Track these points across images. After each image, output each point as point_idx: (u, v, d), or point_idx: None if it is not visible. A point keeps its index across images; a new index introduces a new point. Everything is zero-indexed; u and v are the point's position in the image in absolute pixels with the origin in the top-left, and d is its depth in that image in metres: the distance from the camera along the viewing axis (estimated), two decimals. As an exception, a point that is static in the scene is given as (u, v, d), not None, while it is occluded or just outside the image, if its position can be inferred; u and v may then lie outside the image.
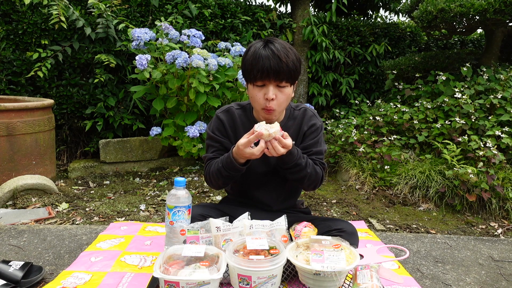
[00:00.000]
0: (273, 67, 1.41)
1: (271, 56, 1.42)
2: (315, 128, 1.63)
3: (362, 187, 3.11)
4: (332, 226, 1.58)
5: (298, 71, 1.49)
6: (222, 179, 1.54)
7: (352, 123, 3.77)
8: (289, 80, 1.46)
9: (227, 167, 1.50)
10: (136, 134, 3.74)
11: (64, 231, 2.05)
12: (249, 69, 1.47)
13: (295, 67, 1.46)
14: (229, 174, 1.51)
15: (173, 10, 3.81)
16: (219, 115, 1.64)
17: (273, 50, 1.43)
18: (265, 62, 1.42)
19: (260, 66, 1.42)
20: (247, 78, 1.52)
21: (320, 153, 1.62)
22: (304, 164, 1.50)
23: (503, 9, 3.16)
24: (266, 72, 1.42)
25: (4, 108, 2.56)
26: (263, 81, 1.45)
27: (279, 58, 1.42)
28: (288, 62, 1.43)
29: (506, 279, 1.72)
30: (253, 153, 1.41)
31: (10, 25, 3.36)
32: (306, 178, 1.52)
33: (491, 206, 2.60)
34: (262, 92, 1.47)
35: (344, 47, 4.62)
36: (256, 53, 1.45)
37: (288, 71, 1.43)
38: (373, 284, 1.31)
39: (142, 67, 2.81)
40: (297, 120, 1.64)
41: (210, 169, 1.58)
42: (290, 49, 1.47)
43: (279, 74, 1.42)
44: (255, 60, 1.44)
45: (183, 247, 1.32)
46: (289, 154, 1.45)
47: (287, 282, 1.44)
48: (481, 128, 3.11)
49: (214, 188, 1.65)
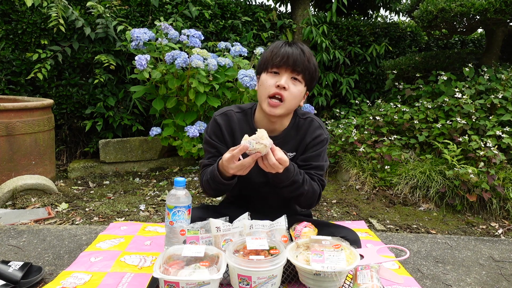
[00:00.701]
0: (294, 55, 1.41)
1: (294, 47, 1.43)
2: (319, 140, 1.53)
3: (362, 187, 3.10)
4: (335, 233, 1.53)
5: (316, 74, 1.48)
6: (213, 191, 1.49)
7: (352, 123, 3.77)
8: (305, 75, 1.44)
9: (212, 180, 1.43)
10: (135, 134, 3.74)
11: (64, 231, 2.05)
12: (268, 57, 1.45)
13: (314, 67, 1.46)
14: (217, 187, 1.44)
15: (173, 10, 3.80)
16: (216, 118, 1.55)
17: (297, 45, 1.45)
18: (287, 49, 1.42)
19: (281, 52, 1.42)
20: (262, 68, 1.48)
21: (320, 168, 1.53)
22: (301, 181, 1.42)
23: (503, 8, 3.15)
24: (286, 58, 1.40)
25: (4, 108, 2.56)
26: (279, 67, 1.42)
27: (302, 51, 1.43)
28: (309, 59, 1.44)
29: (507, 279, 1.71)
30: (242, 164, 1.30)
31: (9, 24, 3.36)
32: (303, 196, 1.45)
33: (492, 206, 2.59)
34: (275, 79, 1.43)
35: (344, 47, 4.62)
36: (278, 44, 1.46)
37: (308, 66, 1.43)
38: (373, 284, 1.31)
39: (141, 67, 2.81)
40: (302, 130, 1.55)
41: (203, 178, 1.52)
42: (313, 56, 1.49)
43: (297, 64, 1.41)
44: (277, 49, 1.44)
45: (183, 247, 1.31)
46: (285, 171, 1.35)
47: (287, 283, 1.43)
48: (482, 128, 3.11)
49: (210, 197, 1.61)
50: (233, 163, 1.32)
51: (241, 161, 1.31)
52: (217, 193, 1.52)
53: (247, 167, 1.33)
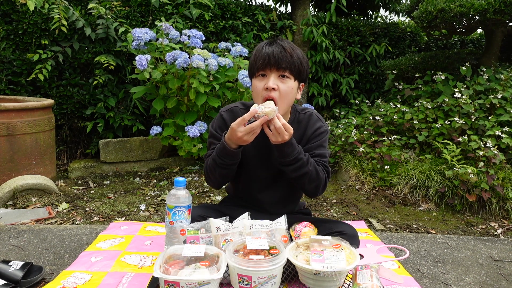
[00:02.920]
0: (275, 54, 1.41)
1: (274, 45, 1.44)
2: (319, 132, 1.59)
3: (362, 187, 3.11)
4: (333, 228, 1.56)
5: (304, 67, 1.48)
6: (218, 169, 1.51)
7: (352, 123, 3.77)
8: (292, 71, 1.44)
9: (220, 154, 1.47)
10: (136, 134, 3.74)
11: (64, 231, 2.05)
12: (252, 62, 1.47)
13: (300, 61, 1.45)
14: (223, 161, 1.48)
15: (173, 11, 3.81)
16: (222, 113, 1.62)
17: (278, 42, 1.45)
18: (267, 49, 1.43)
19: (262, 54, 1.43)
20: (251, 74, 1.51)
21: (323, 155, 1.58)
22: (305, 160, 1.46)
23: (503, 9, 3.16)
24: (268, 58, 1.41)
25: (4, 108, 2.56)
26: (264, 69, 1.44)
27: (283, 48, 1.42)
28: (292, 54, 1.43)
29: (506, 279, 1.72)
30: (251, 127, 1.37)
31: (10, 25, 3.36)
32: (307, 176, 1.48)
33: (491, 206, 2.60)
34: (263, 82, 1.45)
35: (344, 47, 4.62)
36: (260, 46, 1.47)
37: (292, 62, 1.43)
38: (373, 284, 1.31)
39: (142, 67, 2.81)
40: (302, 124, 1.60)
41: (207, 163, 1.57)
42: (296, 47, 1.48)
43: (280, 62, 1.41)
44: (258, 51, 1.45)
45: (183, 247, 1.32)
46: (290, 145, 1.42)
47: (287, 282, 1.44)
48: (481, 128, 3.11)
49: (213, 186, 1.63)
50: (242, 126, 1.38)
51: (249, 124, 1.38)
52: (221, 172, 1.52)
53: (254, 131, 1.39)
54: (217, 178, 1.56)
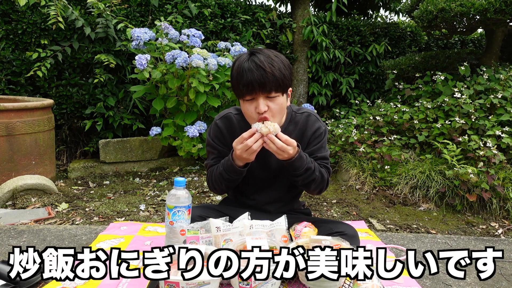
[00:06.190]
0: (257, 79, 1.36)
1: (254, 68, 1.37)
2: (319, 133, 1.59)
3: (362, 187, 3.10)
4: (334, 229, 1.56)
5: (287, 78, 1.43)
6: (225, 182, 1.54)
7: (352, 123, 3.77)
8: (278, 89, 1.41)
9: (227, 170, 1.49)
10: (136, 134, 3.74)
11: (64, 231, 2.05)
12: (236, 85, 1.44)
13: (283, 75, 1.40)
14: (230, 177, 1.50)
15: (172, 10, 3.80)
16: (217, 122, 1.61)
17: (256, 62, 1.38)
18: (248, 75, 1.37)
19: (244, 80, 1.38)
20: (236, 94, 1.48)
21: (325, 158, 1.60)
22: (313, 168, 1.49)
23: (503, 8, 3.15)
24: (251, 85, 1.37)
25: (4, 108, 2.56)
26: (251, 95, 1.41)
27: (263, 69, 1.36)
28: (274, 72, 1.37)
29: (507, 279, 1.72)
30: (246, 145, 1.38)
31: (9, 24, 3.35)
32: (314, 182, 1.52)
33: (492, 206, 2.59)
34: (253, 106, 1.43)
35: (344, 47, 4.62)
36: (239, 68, 1.41)
37: (275, 81, 1.38)
38: (373, 284, 1.31)
39: (141, 67, 2.81)
40: (300, 125, 1.60)
41: (212, 175, 1.58)
42: (275, 57, 1.42)
43: (265, 86, 1.38)
44: (239, 75, 1.40)
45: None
46: (299, 159, 1.43)
47: (287, 282, 1.43)
48: (481, 128, 3.11)
49: (217, 193, 1.65)
50: (240, 144, 1.41)
51: (245, 142, 1.39)
52: (228, 184, 1.56)
53: (251, 149, 1.39)
54: (222, 188, 1.59)
